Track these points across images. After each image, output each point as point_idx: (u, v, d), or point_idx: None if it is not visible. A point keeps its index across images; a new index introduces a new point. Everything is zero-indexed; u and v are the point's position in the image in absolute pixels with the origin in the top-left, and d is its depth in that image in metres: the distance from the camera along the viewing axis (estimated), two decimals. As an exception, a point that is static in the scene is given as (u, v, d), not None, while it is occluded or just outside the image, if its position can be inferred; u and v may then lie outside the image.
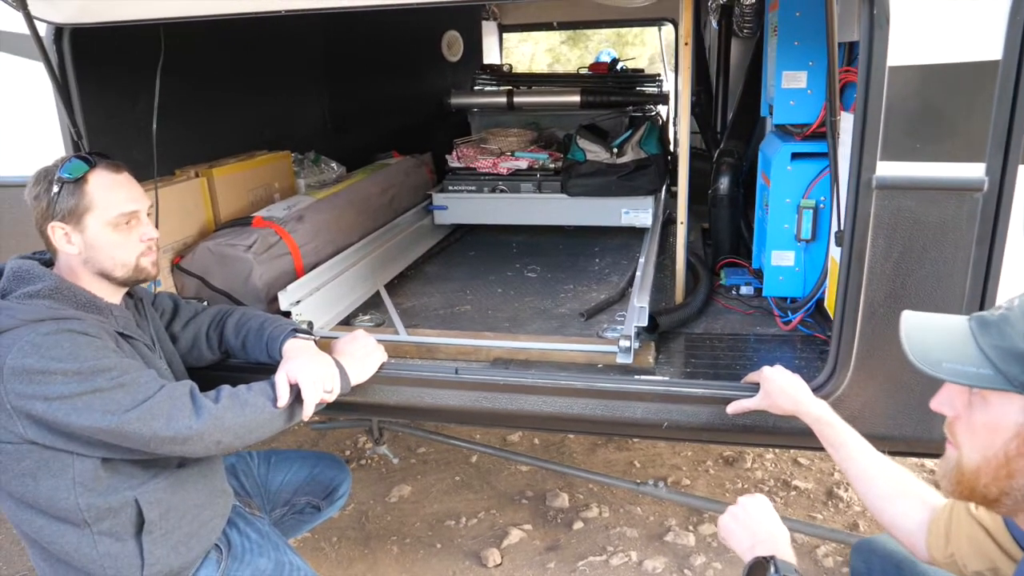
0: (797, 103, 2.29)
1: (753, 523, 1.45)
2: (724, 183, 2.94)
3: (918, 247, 1.66)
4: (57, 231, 1.65)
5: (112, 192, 1.69)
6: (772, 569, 1.30)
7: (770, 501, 1.48)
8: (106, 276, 1.72)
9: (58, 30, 2.06)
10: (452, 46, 5.54)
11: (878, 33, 1.56)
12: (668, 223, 3.47)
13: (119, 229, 1.70)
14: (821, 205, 2.22)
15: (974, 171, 1.59)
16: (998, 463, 1.08)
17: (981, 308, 1.67)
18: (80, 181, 1.65)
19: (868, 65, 1.59)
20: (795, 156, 2.26)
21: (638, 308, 2.17)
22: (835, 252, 1.94)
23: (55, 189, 1.64)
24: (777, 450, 3.44)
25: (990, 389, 1.05)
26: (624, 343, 2.07)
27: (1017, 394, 1.03)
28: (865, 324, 1.75)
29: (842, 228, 1.76)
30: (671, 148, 4.48)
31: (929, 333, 1.14)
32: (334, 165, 3.55)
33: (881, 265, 1.69)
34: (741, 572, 1.35)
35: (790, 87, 2.29)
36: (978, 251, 1.63)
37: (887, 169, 1.63)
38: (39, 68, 2.07)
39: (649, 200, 3.32)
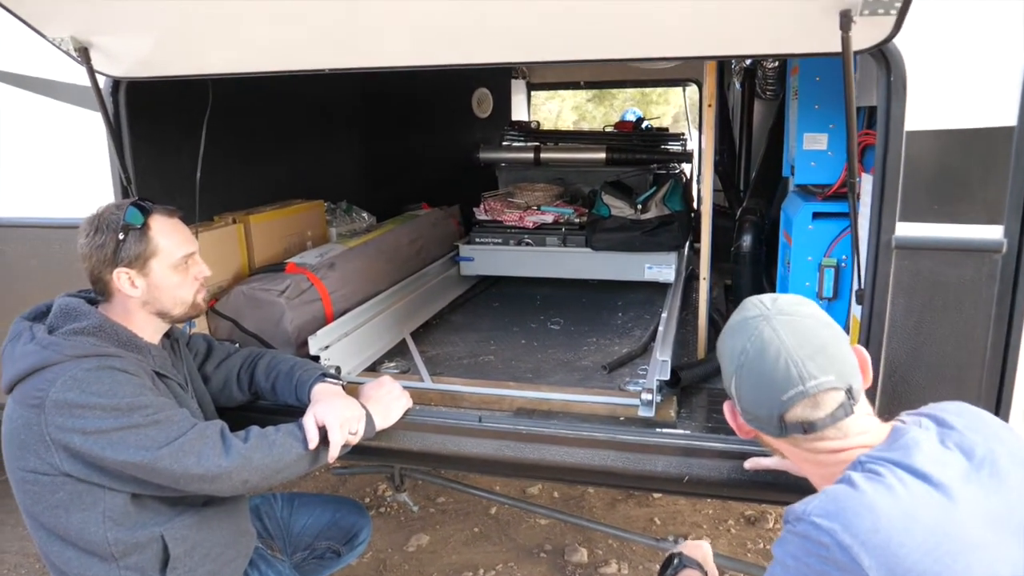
0: (818, 164, 2.33)
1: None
2: (747, 240, 2.97)
3: (938, 306, 1.68)
4: (122, 276, 1.72)
5: (172, 236, 1.78)
6: (676, 562, 1.67)
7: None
8: (163, 315, 1.79)
9: (116, 83, 2.18)
10: (482, 103, 5.69)
11: (896, 99, 1.61)
12: (691, 279, 3.49)
13: (179, 270, 1.78)
14: (842, 264, 2.24)
15: (993, 233, 1.62)
16: (732, 422, 1.38)
17: (1002, 367, 1.69)
18: (144, 228, 1.73)
19: (886, 129, 1.64)
20: (816, 216, 2.29)
21: (660, 362, 2.18)
22: (856, 310, 1.95)
23: (121, 236, 1.71)
24: (799, 510, 3.39)
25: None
26: (646, 396, 2.08)
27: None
28: (886, 382, 1.76)
29: (863, 287, 1.78)
30: (694, 205, 4.53)
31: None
32: (365, 215, 3.63)
33: (902, 324, 1.71)
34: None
35: (811, 149, 2.33)
36: (998, 310, 1.65)
37: (906, 230, 1.66)
38: (87, 116, 2.18)
39: (672, 256, 3.35)
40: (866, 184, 1.89)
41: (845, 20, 1.43)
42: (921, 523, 1.08)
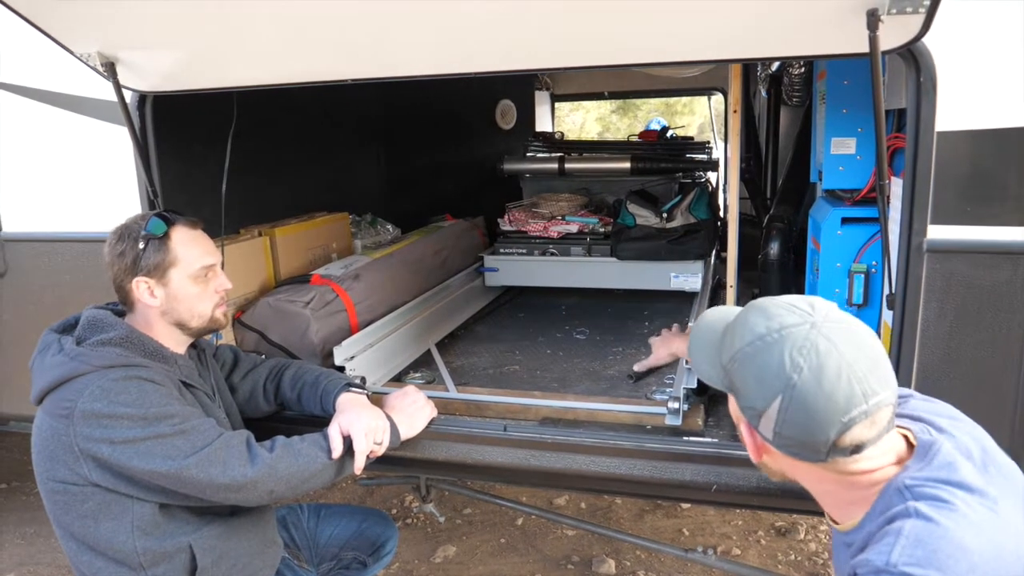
0: (847, 169, 2.30)
1: None
2: (774, 248, 2.93)
3: (972, 311, 1.64)
4: (141, 285, 1.73)
5: (192, 247, 1.79)
6: None
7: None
8: (182, 326, 1.80)
9: (142, 97, 2.21)
10: (506, 115, 5.70)
11: (925, 100, 1.59)
12: (717, 288, 3.45)
13: (198, 282, 1.79)
14: (872, 270, 2.20)
15: (1027, 235, 1.58)
16: (751, 445, 1.23)
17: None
18: (164, 237, 1.74)
19: (916, 131, 1.61)
20: (845, 221, 2.26)
21: (687, 370, 2.16)
22: (887, 316, 1.92)
23: (140, 245, 1.72)
24: (832, 521, 3.33)
25: (720, 387, 1.25)
26: (673, 405, 2.05)
27: (728, 392, 1.23)
28: (919, 389, 1.71)
29: (894, 292, 1.75)
30: (720, 213, 4.50)
31: (709, 333, 1.29)
32: (390, 227, 3.64)
33: (934, 329, 1.67)
34: None
35: (839, 153, 2.30)
36: (1034, 315, 1.61)
37: (938, 233, 1.63)
38: (114, 130, 2.21)
39: (699, 265, 3.32)
40: (896, 188, 1.85)
41: (872, 20, 1.41)
42: (1006, 548, 1.03)
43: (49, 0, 1.70)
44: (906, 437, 1.19)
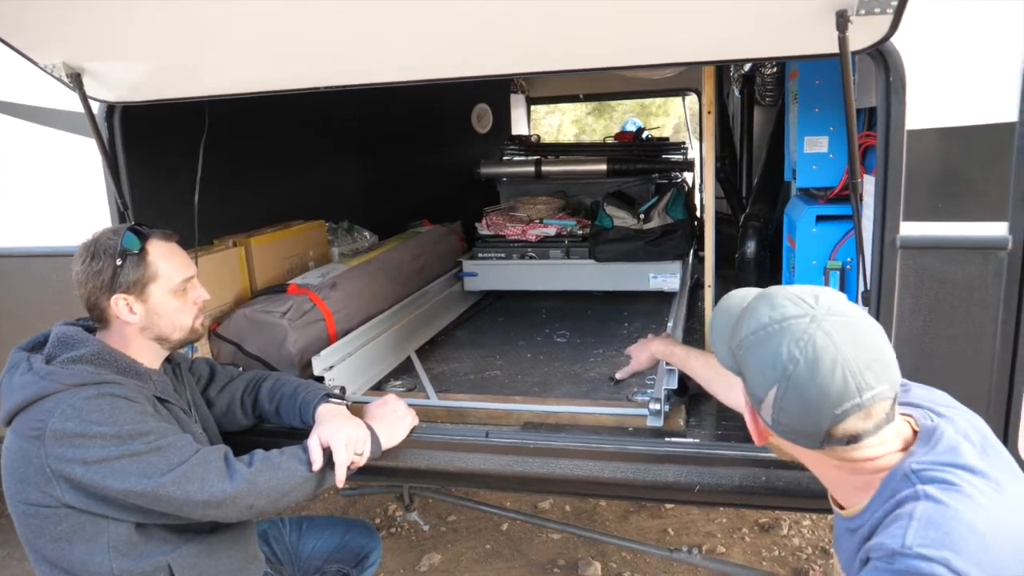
0: (820, 167, 2.32)
1: None
2: (751, 246, 2.95)
3: (946, 306, 1.66)
4: (120, 302, 1.70)
5: (170, 261, 1.77)
6: None
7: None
8: (162, 340, 1.78)
9: (110, 108, 2.18)
10: (482, 118, 5.70)
11: (895, 98, 1.60)
12: (696, 287, 3.46)
13: (178, 295, 1.77)
14: (847, 266, 2.22)
15: (997, 230, 1.61)
16: (753, 430, 1.28)
17: (1012, 365, 1.66)
18: (142, 253, 1.72)
19: (887, 129, 1.62)
20: (820, 219, 2.27)
21: (667, 371, 2.16)
22: (863, 313, 1.93)
23: (119, 262, 1.69)
24: (815, 516, 3.36)
25: (730, 370, 1.27)
26: (654, 406, 2.06)
27: (736, 376, 1.25)
28: (896, 384, 1.73)
29: (868, 288, 1.76)
30: (697, 213, 4.52)
31: (727, 316, 1.31)
32: (367, 234, 3.62)
33: (909, 324, 1.69)
34: None
35: (812, 152, 2.32)
36: (1006, 309, 1.63)
37: (911, 229, 1.65)
38: (81, 142, 2.18)
39: (677, 265, 3.33)
40: (868, 185, 1.87)
41: (841, 21, 1.42)
42: (1014, 528, 1.07)
43: (11, 9, 1.66)
44: (909, 423, 1.22)
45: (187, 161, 2.33)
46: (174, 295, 1.76)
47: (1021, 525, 1.08)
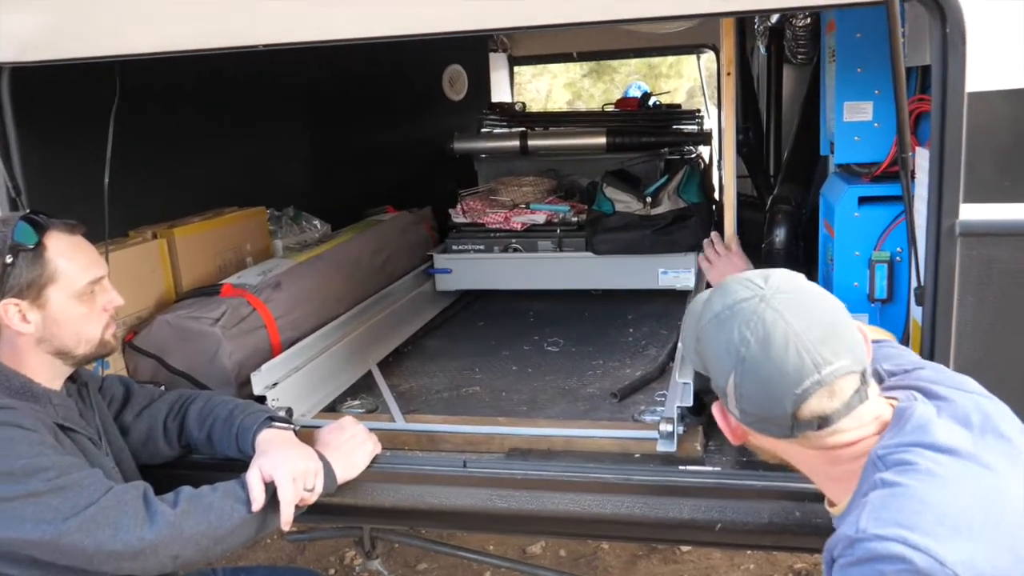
0: (863, 139, 2.32)
1: None
2: (780, 235, 2.96)
3: (1016, 304, 1.66)
4: (10, 309, 1.68)
5: (74, 258, 1.75)
6: None
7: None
8: (64, 355, 1.76)
9: (-3, 70, 2.15)
10: (455, 83, 5.69)
11: (953, 55, 1.60)
12: (715, 284, 3.48)
13: (84, 300, 1.76)
14: (897, 258, 2.23)
15: (1078, 212, 1.61)
16: (725, 428, 1.43)
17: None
18: (38, 248, 1.69)
19: (943, 92, 1.62)
20: (863, 201, 2.28)
21: (681, 385, 2.16)
22: (917, 313, 1.94)
23: (8, 259, 1.67)
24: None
25: (701, 371, 1.41)
26: (666, 428, 2.06)
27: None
28: (957, 399, 1.73)
29: (923, 284, 1.77)
30: (715, 196, 4.53)
31: (691, 317, 1.45)
32: (317, 223, 3.62)
33: (972, 326, 1.69)
34: None
35: (854, 120, 2.32)
36: (1089, 307, 1.63)
37: (972, 212, 1.65)
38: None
39: (691, 257, 3.34)
40: (921, 160, 1.87)
41: (887, -40, 1.42)
42: (977, 498, 1.17)
43: None
44: (893, 407, 1.33)
45: (94, 135, 2.31)
46: (79, 300, 1.74)
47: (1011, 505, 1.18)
